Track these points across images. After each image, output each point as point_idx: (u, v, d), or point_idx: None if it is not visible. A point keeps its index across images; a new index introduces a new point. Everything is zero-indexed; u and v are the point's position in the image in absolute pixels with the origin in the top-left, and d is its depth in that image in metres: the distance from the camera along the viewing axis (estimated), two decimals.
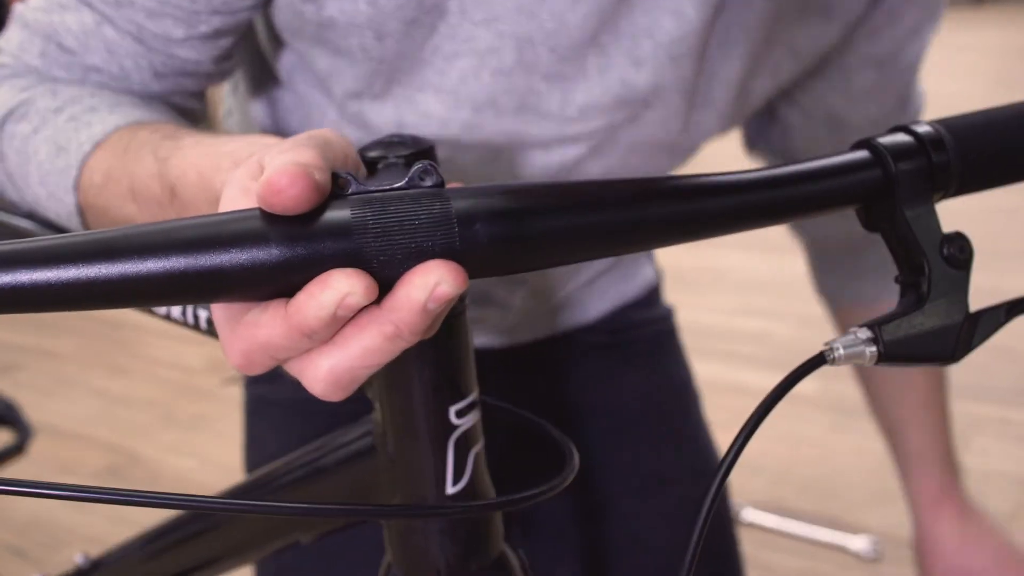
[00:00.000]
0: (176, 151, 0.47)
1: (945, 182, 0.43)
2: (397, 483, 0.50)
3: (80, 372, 2.94)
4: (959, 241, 0.43)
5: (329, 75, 0.64)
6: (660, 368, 0.92)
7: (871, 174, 0.42)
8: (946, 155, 0.43)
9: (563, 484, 0.47)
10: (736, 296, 2.90)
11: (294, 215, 0.33)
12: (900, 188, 0.42)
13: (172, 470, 2.36)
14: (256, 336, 0.34)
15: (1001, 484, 1.97)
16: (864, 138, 0.43)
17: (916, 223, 0.42)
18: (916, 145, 0.43)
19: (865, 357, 0.43)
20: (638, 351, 0.91)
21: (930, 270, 0.42)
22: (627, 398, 0.88)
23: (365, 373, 0.35)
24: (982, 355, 0.69)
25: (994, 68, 5.47)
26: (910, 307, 0.43)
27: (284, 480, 0.60)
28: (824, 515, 1.93)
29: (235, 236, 0.33)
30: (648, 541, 0.83)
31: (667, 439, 0.88)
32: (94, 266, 0.31)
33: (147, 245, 0.32)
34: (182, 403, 2.69)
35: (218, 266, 0.32)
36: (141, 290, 0.32)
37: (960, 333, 0.43)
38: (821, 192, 0.41)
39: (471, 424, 0.49)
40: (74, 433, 2.60)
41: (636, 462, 0.86)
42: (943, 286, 0.43)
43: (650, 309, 0.94)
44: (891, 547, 1.83)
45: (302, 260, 0.33)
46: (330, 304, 0.33)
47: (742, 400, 0.89)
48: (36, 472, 2.42)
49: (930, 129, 0.43)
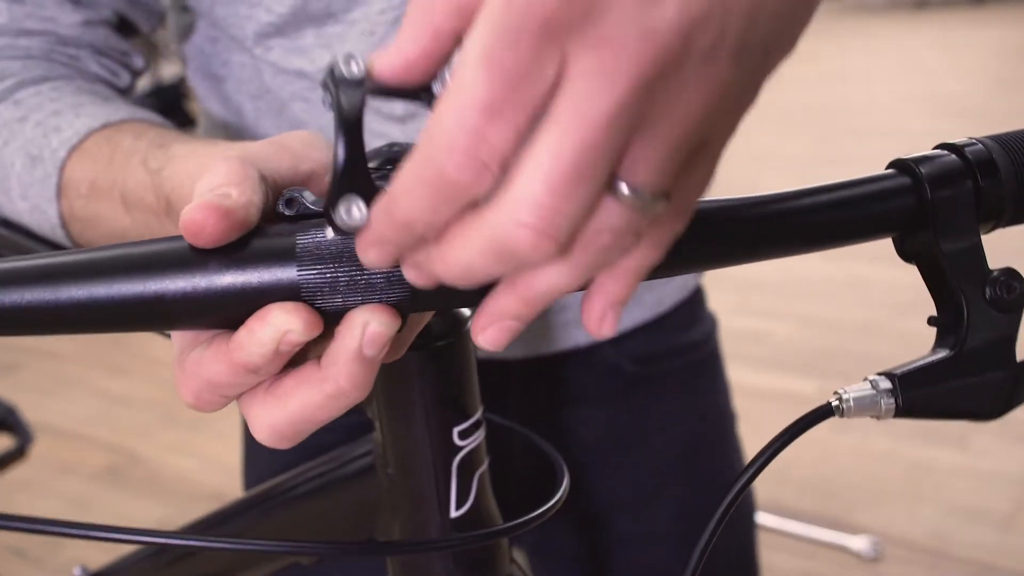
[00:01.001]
0: (169, 162, 0.46)
1: (996, 210, 0.37)
2: (398, 505, 0.48)
3: (80, 372, 2.94)
4: (1009, 280, 0.37)
5: (237, 13, 0.63)
6: (695, 403, 0.82)
7: (904, 201, 0.36)
8: (998, 178, 0.36)
9: (557, 506, 0.46)
10: (736, 296, 2.90)
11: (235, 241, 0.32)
12: (938, 218, 0.36)
13: (172, 470, 2.36)
14: (201, 373, 0.33)
15: (1001, 484, 1.97)
16: (901, 158, 0.37)
17: (956, 258, 0.36)
18: (960, 166, 0.37)
19: (879, 410, 0.37)
20: (671, 386, 0.80)
21: (969, 313, 0.37)
22: (654, 442, 0.80)
23: (311, 428, 0.34)
24: None
25: (994, 68, 5.47)
26: (943, 355, 0.37)
27: (282, 499, 0.58)
28: (824, 515, 1.93)
29: (174, 261, 0.31)
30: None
31: (695, 485, 0.80)
32: (34, 291, 0.31)
33: (87, 270, 0.31)
34: (182, 403, 2.69)
35: (157, 293, 0.31)
36: (81, 316, 0.31)
37: (1003, 387, 0.37)
38: (842, 222, 0.36)
39: (475, 444, 0.46)
40: (74, 433, 2.60)
41: (656, 512, 0.80)
42: (985, 332, 0.37)
43: (689, 329, 0.81)
44: (891, 547, 1.83)
45: (239, 289, 0.31)
46: (270, 341, 0.31)
47: (742, 400, 0.89)
48: (36, 472, 2.42)
49: (979, 147, 0.37)
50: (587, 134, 0.25)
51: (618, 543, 0.79)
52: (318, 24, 0.61)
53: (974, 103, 4.68)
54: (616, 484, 0.79)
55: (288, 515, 0.58)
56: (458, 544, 0.47)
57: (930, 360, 0.38)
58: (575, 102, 0.25)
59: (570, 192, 0.26)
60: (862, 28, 7.22)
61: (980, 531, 1.84)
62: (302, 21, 0.61)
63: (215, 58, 0.69)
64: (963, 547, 1.81)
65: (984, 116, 4.28)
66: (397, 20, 0.60)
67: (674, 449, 0.80)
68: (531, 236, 0.26)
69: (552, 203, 0.26)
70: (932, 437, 2.14)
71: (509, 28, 0.25)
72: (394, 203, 0.28)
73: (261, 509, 0.59)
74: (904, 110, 4.74)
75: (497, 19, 0.25)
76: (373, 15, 0.60)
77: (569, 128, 0.25)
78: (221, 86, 0.70)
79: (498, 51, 0.25)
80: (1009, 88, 4.96)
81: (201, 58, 0.70)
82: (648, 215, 0.28)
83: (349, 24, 0.61)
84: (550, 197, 0.26)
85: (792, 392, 2.34)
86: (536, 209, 0.26)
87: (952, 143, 0.38)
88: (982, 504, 1.92)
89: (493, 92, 0.25)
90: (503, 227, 0.27)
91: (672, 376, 0.80)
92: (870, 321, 2.67)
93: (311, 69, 0.63)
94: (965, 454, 2.08)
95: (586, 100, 0.25)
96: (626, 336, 0.77)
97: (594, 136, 0.25)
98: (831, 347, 2.56)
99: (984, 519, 1.88)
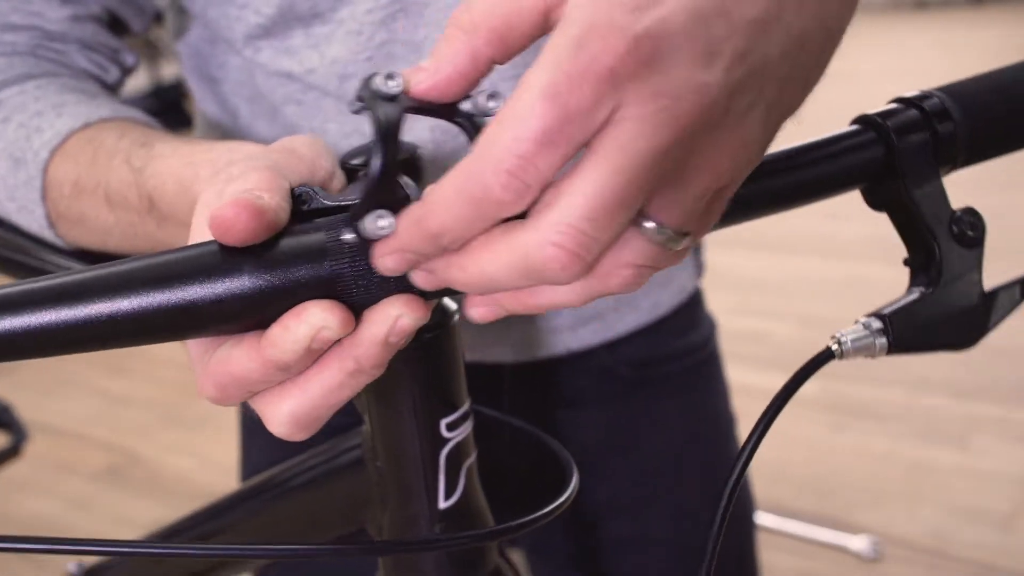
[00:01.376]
0: (151, 160, 0.47)
1: (952, 154, 0.40)
2: (388, 497, 0.48)
3: (80, 372, 2.94)
4: (970, 218, 0.40)
5: (227, 15, 0.63)
6: (693, 406, 0.82)
7: (873, 153, 0.39)
8: (952, 125, 0.40)
9: (563, 507, 0.45)
10: (736, 295, 2.90)
11: (266, 241, 0.32)
12: (905, 165, 0.39)
13: (172, 470, 2.36)
14: (230, 370, 0.33)
15: (1001, 484, 1.97)
16: (862, 114, 0.40)
17: (924, 202, 0.39)
18: (919, 118, 0.40)
19: (875, 349, 0.40)
20: (669, 390, 0.80)
21: (940, 251, 0.39)
22: (651, 445, 0.80)
23: (328, 412, 0.34)
24: (982, 355, 0.68)
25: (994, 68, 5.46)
26: (921, 292, 0.40)
27: (275, 492, 0.58)
28: (823, 515, 1.93)
29: (206, 267, 0.32)
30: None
31: (693, 488, 0.81)
32: (63, 310, 0.31)
33: (117, 284, 0.31)
34: (182, 403, 2.69)
35: (191, 301, 0.31)
36: (114, 332, 0.31)
37: (975, 316, 0.40)
38: (818, 178, 0.39)
39: (463, 437, 0.47)
40: (74, 433, 2.60)
41: (655, 515, 0.80)
42: (955, 267, 0.40)
43: (687, 333, 0.81)
44: (891, 547, 1.83)
45: (273, 289, 0.32)
46: (304, 338, 0.32)
47: (742, 400, 0.89)
48: (36, 472, 2.42)
49: (933, 98, 0.40)
50: (631, 171, 0.28)
51: (616, 545, 0.79)
52: (306, 24, 0.61)
53: None
54: (614, 486, 0.79)
55: (280, 508, 0.58)
56: (443, 544, 0.47)
57: (912, 298, 0.40)
58: (624, 141, 0.28)
59: (606, 222, 0.28)
60: (862, 28, 7.20)
61: (980, 531, 1.84)
62: (290, 21, 0.61)
63: (212, 60, 0.69)
64: (963, 547, 1.81)
65: None
66: (383, 20, 0.60)
67: (672, 452, 0.80)
68: (564, 258, 0.28)
69: (589, 229, 0.28)
70: (932, 437, 2.14)
71: (576, 70, 0.27)
72: (429, 214, 0.30)
73: (253, 503, 0.60)
74: None
75: (565, 59, 0.27)
76: (360, 15, 0.60)
77: (615, 163, 0.28)
78: (217, 87, 0.70)
79: (563, 89, 0.27)
80: None
81: (198, 59, 0.70)
82: (669, 252, 0.31)
83: (337, 24, 0.60)
84: (589, 223, 0.28)
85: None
86: (574, 233, 0.28)
87: (907, 97, 0.40)
88: (982, 504, 1.92)
89: (550, 125, 0.27)
90: (537, 246, 0.29)
91: (670, 380, 0.80)
92: None
93: (299, 71, 0.63)
94: (965, 454, 2.08)
95: (635, 140, 0.28)
96: (622, 340, 0.77)
97: (636, 173, 0.28)
98: None
99: (984, 519, 1.88)
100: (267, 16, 0.61)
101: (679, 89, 0.28)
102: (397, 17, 0.60)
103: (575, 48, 0.27)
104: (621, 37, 0.27)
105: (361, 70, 0.61)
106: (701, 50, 0.28)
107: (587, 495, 0.79)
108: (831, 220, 3.24)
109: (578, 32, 0.28)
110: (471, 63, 0.31)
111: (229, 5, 0.62)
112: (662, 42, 0.27)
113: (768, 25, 0.29)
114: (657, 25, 0.27)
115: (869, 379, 2.39)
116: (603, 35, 0.27)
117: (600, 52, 0.27)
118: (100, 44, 0.64)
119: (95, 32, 0.63)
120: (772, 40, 0.29)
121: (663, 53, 0.27)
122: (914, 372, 2.39)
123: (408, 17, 0.60)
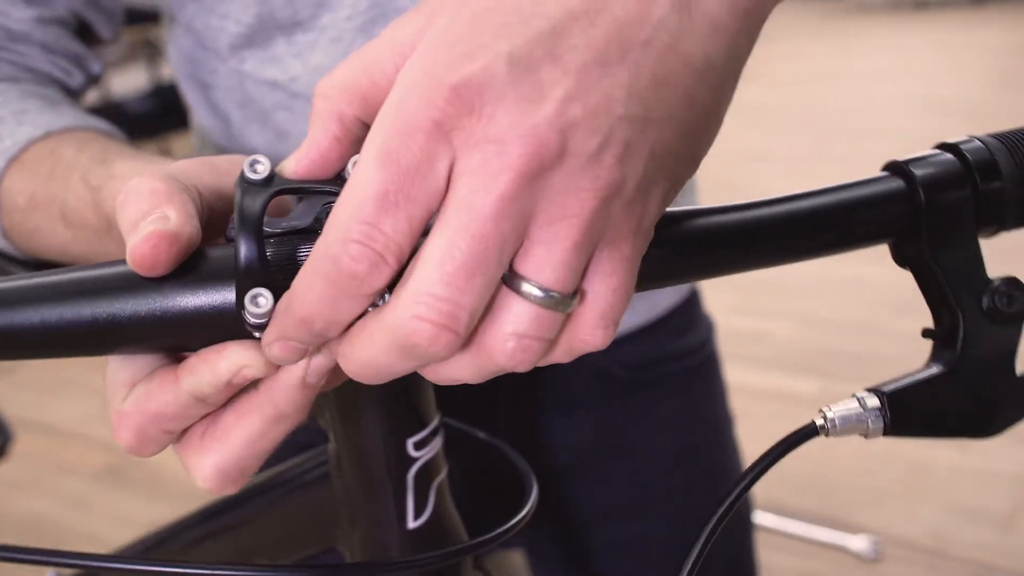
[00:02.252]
0: (109, 180, 0.46)
1: (998, 215, 0.34)
2: (356, 515, 0.47)
3: (80, 372, 2.93)
4: (1008, 290, 0.34)
5: (210, 25, 0.62)
6: (690, 408, 0.80)
7: (897, 208, 0.34)
8: (999, 180, 0.34)
9: (523, 521, 0.44)
10: (736, 296, 2.90)
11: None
12: (932, 225, 0.34)
13: (172, 470, 2.36)
14: (147, 408, 0.33)
15: (1001, 484, 1.97)
16: (896, 160, 0.35)
17: (951, 267, 0.34)
18: (958, 168, 0.34)
19: (866, 429, 0.35)
20: (666, 392, 0.79)
21: (965, 326, 0.34)
22: (648, 447, 0.78)
23: (255, 462, 0.34)
24: None
25: (994, 68, 5.47)
26: (935, 371, 0.35)
27: (245, 508, 0.57)
28: (823, 515, 1.93)
29: (126, 284, 0.31)
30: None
31: (690, 491, 0.79)
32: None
33: (36, 295, 0.31)
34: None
35: (109, 316, 0.31)
36: (34, 341, 0.31)
37: (999, 405, 0.35)
38: (835, 231, 0.34)
39: (432, 455, 0.45)
40: (74, 433, 2.60)
41: (651, 518, 0.79)
42: (982, 348, 0.34)
43: (684, 334, 0.80)
44: (891, 547, 1.83)
45: (192, 312, 0.31)
46: (225, 374, 0.31)
47: (742, 400, 0.89)
48: (36, 472, 2.42)
49: (979, 145, 0.34)
50: (475, 227, 0.27)
51: (613, 548, 0.79)
52: (287, 33, 0.61)
53: (974, 103, 4.68)
54: (610, 489, 0.79)
55: (251, 524, 0.57)
56: (406, 566, 0.45)
57: (922, 376, 0.35)
58: (462, 197, 0.27)
59: (464, 284, 0.27)
60: (862, 28, 7.21)
61: (980, 531, 1.84)
62: (271, 30, 0.62)
63: (203, 66, 0.69)
64: (963, 547, 1.81)
65: (984, 116, 4.28)
66: (363, 27, 0.60)
67: (669, 454, 0.79)
68: (429, 329, 0.27)
69: (447, 294, 0.27)
70: None
71: (402, 127, 0.27)
72: (295, 298, 0.29)
73: (224, 518, 0.58)
74: (904, 110, 4.73)
75: (391, 119, 0.28)
76: (340, 22, 0.60)
77: (458, 222, 0.27)
78: (209, 93, 0.70)
79: (392, 147, 0.27)
80: (1009, 88, 4.96)
81: (191, 65, 0.70)
82: (559, 316, 0.29)
83: (319, 31, 0.61)
84: (445, 288, 0.27)
85: (792, 392, 2.34)
86: (432, 302, 0.27)
87: (950, 142, 0.35)
88: (982, 504, 1.92)
89: (386, 184, 0.27)
90: (402, 322, 0.28)
91: (667, 381, 0.79)
92: (870, 321, 2.67)
93: (284, 79, 0.63)
94: (965, 454, 2.08)
95: (472, 194, 0.27)
96: (618, 342, 0.76)
97: (482, 229, 0.27)
98: (831, 347, 2.56)
99: (984, 519, 1.88)
100: (247, 25, 0.61)
101: (505, 134, 0.27)
102: (377, 22, 0.60)
103: (399, 106, 0.28)
104: (439, 89, 0.27)
105: None
106: (526, 94, 0.28)
107: (583, 498, 0.78)
108: None
109: (401, 92, 0.28)
110: (340, 127, 0.31)
111: (210, 15, 0.62)
112: (484, 90, 0.27)
113: (608, 68, 0.28)
114: (477, 74, 0.27)
115: (869, 379, 2.38)
116: (423, 89, 0.27)
117: (422, 106, 0.27)
118: (64, 49, 0.63)
119: (59, 36, 0.62)
120: (616, 81, 0.28)
121: (485, 100, 0.27)
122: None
123: (387, 22, 0.60)
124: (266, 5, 0.60)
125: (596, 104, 0.28)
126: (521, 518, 0.44)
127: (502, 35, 0.28)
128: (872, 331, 2.62)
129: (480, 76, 0.27)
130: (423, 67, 0.28)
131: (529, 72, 0.28)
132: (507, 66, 0.28)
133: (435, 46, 0.28)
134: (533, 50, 0.28)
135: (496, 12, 0.29)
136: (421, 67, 0.28)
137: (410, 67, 0.29)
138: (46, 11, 0.61)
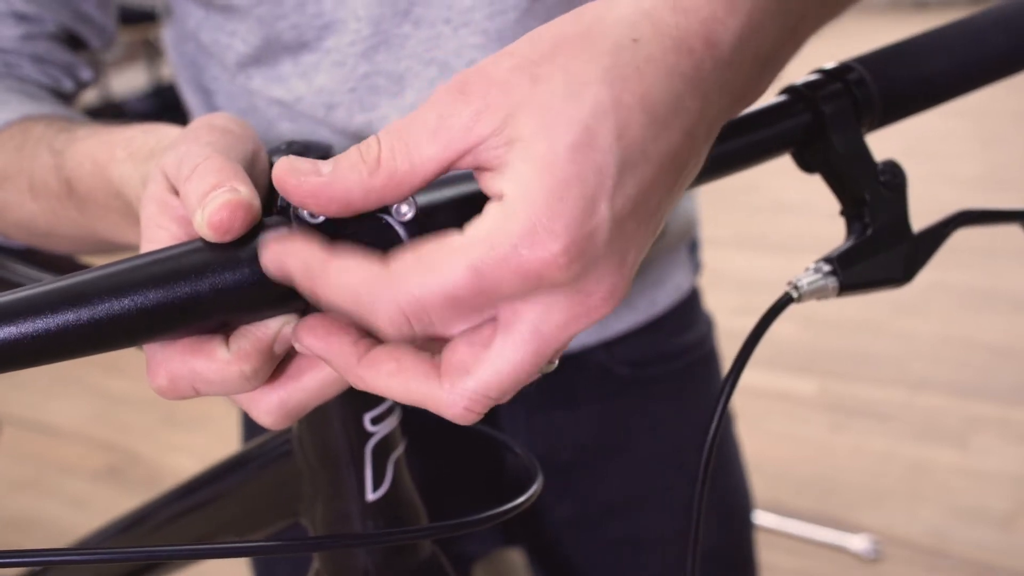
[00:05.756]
0: (71, 143, 0.46)
1: (870, 115, 0.45)
2: (318, 489, 0.49)
3: (80, 372, 2.93)
4: (892, 167, 0.45)
5: (218, 42, 0.63)
6: (690, 405, 0.81)
7: (801, 119, 0.44)
8: (867, 89, 0.45)
9: (507, 515, 0.45)
10: (736, 296, 2.90)
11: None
12: (831, 127, 0.44)
13: (172, 470, 2.36)
14: (193, 367, 0.34)
15: (1001, 484, 1.97)
16: (789, 85, 0.45)
17: (850, 157, 0.44)
18: (839, 85, 0.44)
19: (828, 290, 0.45)
20: (666, 389, 0.79)
21: (871, 199, 0.44)
22: (648, 444, 0.79)
23: (316, 404, 0.35)
24: (982, 355, 0.67)
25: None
26: (858, 237, 0.45)
27: (214, 485, 0.59)
28: (823, 515, 1.93)
29: (206, 265, 0.32)
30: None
31: (689, 489, 0.76)
32: (70, 313, 0.31)
33: (120, 284, 0.31)
34: (182, 403, 2.69)
35: (199, 293, 0.32)
36: (123, 330, 0.31)
37: (908, 254, 0.45)
38: (755, 143, 0.43)
39: (389, 430, 0.48)
40: (74, 433, 2.60)
41: (652, 514, 0.79)
42: (884, 213, 0.45)
43: (684, 332, 0.80)
44: (891, 547, 1.83)
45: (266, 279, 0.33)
46: (273, 330, 0.34)
47: (742, 400, 0.89)
48: (36, 472, 2.42)
49: (849, 67, 0.45)
50: (545, 352, 0.32)
51: (613, 544, 0.79)
52: (293, 53, 0.62)
53: (974, 102, 4.68)
54: (611, 485, 0.79)
55: (220, 500, 0.59)
56: (372, 540, 0.48)
57: (852, 242, 0.45)
58: (539, 322, 0.32)
59: (512, 390, 0.33)
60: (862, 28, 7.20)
61: (980, 531, 1.85)
62: (277, 51, 0.63)
63: (206, 72, 0.69)
64: (963, 547, 1.81)
65: (984, 115, 4.28)
66: (365, 52, 0.61)
67: (669, 451, 0.79)
68: (467, 416, 0.33)
69: (497, 397, 0.33)
70: (932, 437, 2.15)
71: (506, 261, 0.30)
72: (323, 286, 0.32)
73: (194, 497, 0.60)
74: None
75: (500, 247, 0.30)
76: (343, 46, 0.61)
77: (532, 345, 0.32)
78: (211, 99, 0.70)
79: (487, 271, 0.30)
80: (1009, 88, 4.96)
81: (193, 69, 0.70)
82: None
83: (324, 53, 0.62)
84: (499, 394, 0.33)
85: (792, 392, 2.35)
86: (485, 402, 0.32)
87: (827, 68, 0.45)
88: (982, 504, 1.92)
89: (460, 293, 0.30)
90: (449, 405, 0.32)
91: (667, 379, 0.79)
92: (870, 321, 2.67)
93: (288, 98, 0.64)
94: (965, 454, 2.08)
95: (549, 322, 0.32)
96: (619, 340, 0.77)
97: (549, 351, 0.32)
98: (831, 347, 2.56)
99: (984, 519, 1.88)
100: (254, 46, 0.62)
101: (594, 290, 0.31)
102: (379, 49, 0.61)
103: (512, 243, 0.30)
104: (553, 245, 0.29)
105: (346, 100, 0.63)
106: (618, 260, 0.31)
107: (585, 494, 0.79)
108: (832, 221, 3.23)
109: (519, 229, 0.30)
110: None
111: (219, 32, 0.63)
112: (588, 253, 0.30)
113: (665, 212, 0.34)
114: (586, 237, 0.30)
115: (869, 379, 2.39)
116: (539, 242, 0.30)
117: (533, 257, 0.30)
118: (54, 60, 0.63)
119: (49, 49, 0.62)
120: (648, 231, 0.33)
121: (587, 263, 0.30)
122: (914, 372, 2.39)
123: (389, 50, 0.61)
124: (273, 27, 0.61)
125: (634, 261, 0.33)
126: (525, 500, 0.45)
127: (604, 188, 0.30)
128: (872, 331, 2.62)
129: (588, 241, 0.30)
130: (532, 217, 0.30)
131: (623, 235, 0.31)
132: (609, 229, 0.31)
133: (546, 192, 0.30)
134: (626, 207, 0.31)
135: (593, 149, 0.30)
136: (528, 216, 0.30)
137: (514, 209, 0.30)
138: (35, 28, 0.61)
